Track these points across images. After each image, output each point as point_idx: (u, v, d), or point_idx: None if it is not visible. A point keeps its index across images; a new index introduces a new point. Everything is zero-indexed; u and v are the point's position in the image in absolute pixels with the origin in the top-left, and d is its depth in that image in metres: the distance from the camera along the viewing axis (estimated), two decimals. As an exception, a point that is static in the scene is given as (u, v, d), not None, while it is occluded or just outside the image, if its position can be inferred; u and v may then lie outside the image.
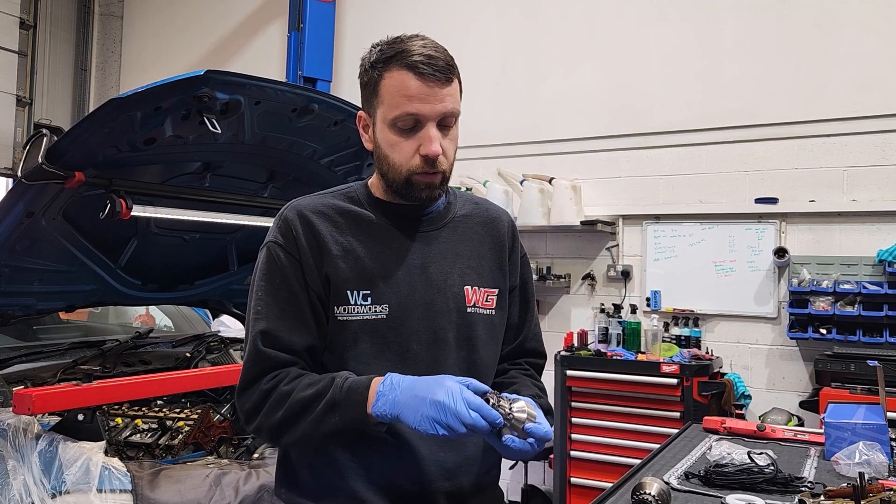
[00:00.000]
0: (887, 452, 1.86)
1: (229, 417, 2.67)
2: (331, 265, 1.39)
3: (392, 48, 1.37)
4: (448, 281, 1.47)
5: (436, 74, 1.34)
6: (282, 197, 3.09)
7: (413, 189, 1.41)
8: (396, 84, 1.35)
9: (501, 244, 1.59)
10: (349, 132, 2.89)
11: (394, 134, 1.38)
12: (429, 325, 1.43)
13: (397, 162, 1.39)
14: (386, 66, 1.36)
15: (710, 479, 1.72)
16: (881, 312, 4.01)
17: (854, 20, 4.37)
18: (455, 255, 1.50)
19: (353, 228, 1.43)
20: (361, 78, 1.44)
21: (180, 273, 3.18)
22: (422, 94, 1.34)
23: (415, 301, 1.43)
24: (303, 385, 1.33)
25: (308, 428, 1.31)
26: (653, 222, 4.90)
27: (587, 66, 5.11)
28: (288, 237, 1.41)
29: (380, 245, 1.44)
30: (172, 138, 2.37)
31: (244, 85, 2.35)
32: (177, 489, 1.93)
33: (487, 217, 1.60)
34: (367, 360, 1.39)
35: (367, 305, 1.39)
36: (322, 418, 1.29)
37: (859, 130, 4.32)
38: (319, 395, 1.30)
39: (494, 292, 1.54)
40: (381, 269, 1.42)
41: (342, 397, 1.29)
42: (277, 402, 1.32)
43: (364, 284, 1.40)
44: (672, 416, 4.12)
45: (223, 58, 6.86)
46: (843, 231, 4.33)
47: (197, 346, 3.23)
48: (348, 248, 1.41)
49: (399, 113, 1.35)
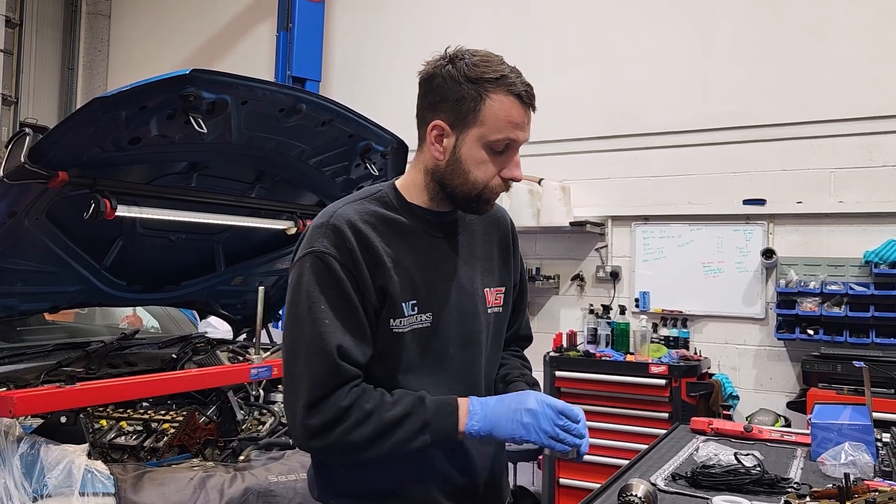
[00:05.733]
0: (872, 453, 1.87)
1: (215, 419, 2.65)
2: (387, 278, 1.41)
3: (491, 70, 1.40)
4: (474, 284, 1.54)
5: (532, 105, 1.44)
6: (269, 197, 3.08)
7: (479, 203, 1.47)
8: (505, 109, 1.39)
9: (507, 243, 1.66)
10: (337, 132, 2.88)
11: (485, 153, 1.42)
12: (462, 329, 1.50)
13: (479, 179, 1.43)
14: (492, 88, 1.39)
15: (696, 481, 1.72)
16: (868, 313, 4.03)
17: (843, 24, 4.39)
18: (474, 259, 1.56)
19: (395, 238, 1.45)
20: (448, 90, 1.42)
21: (166, 274, 3.16)
22: (521, 121, 1.42)
23: (451, 306, 1.48)
24: (388, 404, 1.37)
25: (397, 445, 1.36)
26: (642, 223, 4.91)
27: (578, 68, 5.11)
28: (342, 249, 1.38)
29: (419, 254, 1.47)
30: (158, 138, 2.35)
31: (231, 84, 2.33)
32: (161, 492, 1.91)
33: (492, 217, 1.64)
34: (410, 367, 1.44)
35: (415, 315, 1.44)
36: (413, 436, 1.36)
37: (846, 132, 4.34)
38: (408, 414, 1.36)
39: (502, 290, 1.61)
40: (423, 277, 1.46)
41: (432, 416, 1.37)
42: (362, 419, 1.34)
43: (412, 295, 1.44)
44: (660, 417, 4.13)
45: (212, 57, 6.83)
46: (830, 232, 4.35)
47: (183, 348, 3.20)
48: (396, 260, 1.43)
49: (501, 137, 1.40)
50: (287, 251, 3.43)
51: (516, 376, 1.65)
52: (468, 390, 1.48)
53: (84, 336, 3.50)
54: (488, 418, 1.37)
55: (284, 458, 2.28)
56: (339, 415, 1.34)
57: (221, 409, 2.73)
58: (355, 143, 2.99)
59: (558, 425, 1.36)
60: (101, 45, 7.56)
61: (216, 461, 2.40)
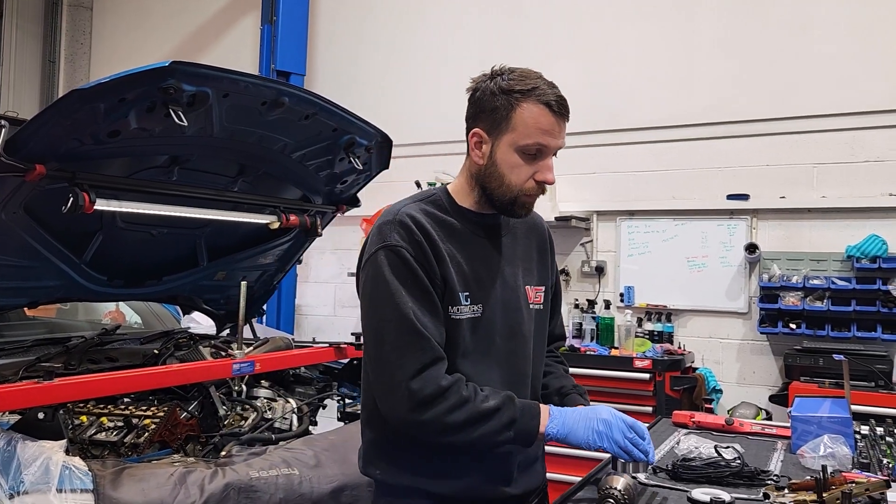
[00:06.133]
0: (851, 445, 1.88)
1: (196, 415, 2.63)
2: (446, 269, 1.57)
3: (524, 82, 1.55)
4: (517, 281, 1.69)
5: (563, 114, 1.57)
6: (252, 191, 3.05)
7: (516, 206, 1.61)
8: (534, 116, 1.53)
9: (545, 247, 1.82)
10: (320, 126, 2.85)
11: (518, 158, 1.56)
12: (507, 321, 1.65)
13: (514, 182, 1.58)
14: (523, 98, 1.54)
15: (677, 474, 1.73)
16: (849, 307, 4.07)
17: (825, 20, 4.42)
18: (516, 258, 1.72)
19: (449, 236, 1.61)
20: (485, 102, 1.57)
21: (148, 268, 3.12)
22: (551, 129, 1.55)
23: (497, 300, 1.64)
24: (480, 396, 1.51)
25: (483, 435, 1.49)
26: (627, 218, 4.92)
27: (563, 63, 5.10)
28: (412, 242, 1.54)
29: (469, 251, 1.63)
30: (137, 131, 2.31)
31: (211, 77, 2.30)
32: (140, 488, 1.89)
33: (532, 223, 1.81)
34: (466, 354, 1.59)
35: (468, 306, 1.59)
36: (499, 430, 1.50)
37: (829, 128, 4.38)
38: (500, 409, 1.50)
39: (542, 289, 1.77)
40: (474, 273, 1.61)
41: (519, 415, 1.51)
42: (458, 404, 1.48)
43: (465, 287, 1.59)
44: (644, 411, 4.15)
45: (196, 50, 6.77)
46: (812, 227, 4.39)
47: (165, 343, 3.17)
48: (451, 255, 1.59)
49: (531, 142, 1.54)
50: (270, 245, 3.40)
51: (570, 390, 1.81)
52: (513, 377, 1.65)
53: (65, 331, 3.46)
54: (566, 424, 1.51)
55: (266, 454, 2.27)
56: (439, 392, 1.47)
57: (203, 404, 2.71)
58: (339, 137, 2.96)
59: (628, 437, 1.49)
60: (82, 37, 7.47)
61: (197, 457, 2.39)
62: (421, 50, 5.80)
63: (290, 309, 5.83)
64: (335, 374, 3.45)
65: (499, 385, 1.60)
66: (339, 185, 3.28)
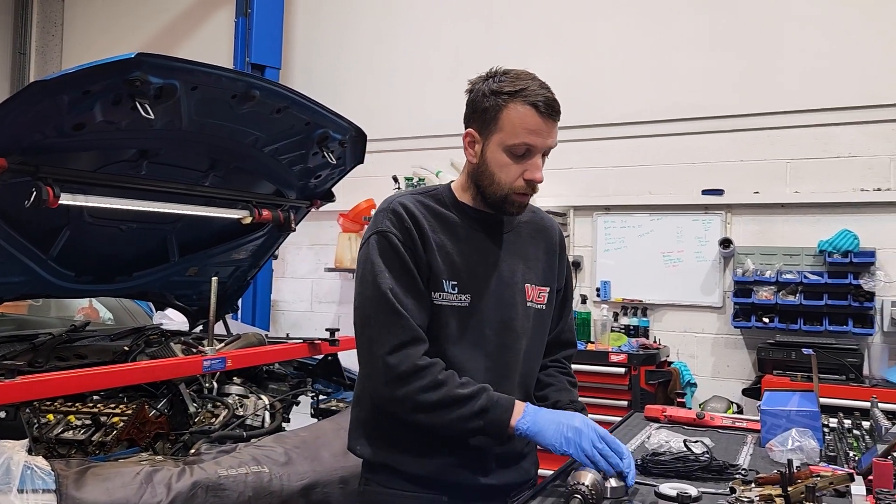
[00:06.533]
0: (819, 438, 1.89)
1: (166, 413, 2.59)
2: (432, 256, 1.62)
3: (513, 83, 1.58)
4: (514, 278, 1.72)
5: (551, 115, 1.59)
6: (224, 186, 3.01)
7: (507, 205, 1.65)
8: (519, 116, 1.57)
9: (553, 249, 1.85)
10: (293, 120, 2.83)
11: (506, 157, 1.60)
12: (499, 315, 1.68)
13: (503, 181, 1.62)
14: (510, 98, 1.57)
15: (646, 468, 1.73)
16: (821, 301, 4.10)
17: (799, 16, 4.45)
18: (518, 256, 1.75)
19: (443, 227, 1.67)
20: (477, 103, 1.63)
21: (117, 264, 3.07)
22: (538, 128, 1.58)
23: (490, 293, 1.67)
24: (456, 381, 1.56)
25: (454, 419, 1.54)
26: (603, 213, 4.94)
27: (540, 58, 5.09)
28: (401, 229, 1.62)
29: (463, 244, 1.67)
30: (103, 124, 2.27)
31: (179, 69, 2.27)
32: (104, 488, 1.85)
33: (542, 225, 1.85)
34: (453, 341, 1.63)
35: (455, 294, 1.64)
36: (470, 417, 1.54)
37: (802, 123, 4.41)
38: (472, 396, 1.54)
39: (546, 290, 1.79)
40: (465, 264, 1.66)
41: (491, 406, 1.54)
42: (433, 385, 1.53)
43: (453, 276, 1.64)
44: (620, 405, 4.16)
45: (170, 43, 6.68)
46: (785, 222, 4.43)
47: (136, 340, 3.12)
48: (441, 244, 1.64)
49: (518, 142, 1.58)
50: (243, 241, 3.37)
51: (565, 405, 1.80)
52: (501, 370, 1.69)
53: (35, 328, 3.40)
54: (538, 423, 1.53)
55: (236, 452, 2.24)
56: (414, 370, 1.54)
57: (173, 402, 2.67)
58: (312, 130, 2.93)
59: (597, 447, 1.49)
60: (54, 29, 7.35)
61: (166, 455, 2.35)
62: (399, 44, 5.77)
63: (265, 305, 5.79)
64: (310, 371, 3.42)
65: (484, 376, 1.64)
66: (313, 179, 3.25)
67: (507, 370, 1.71)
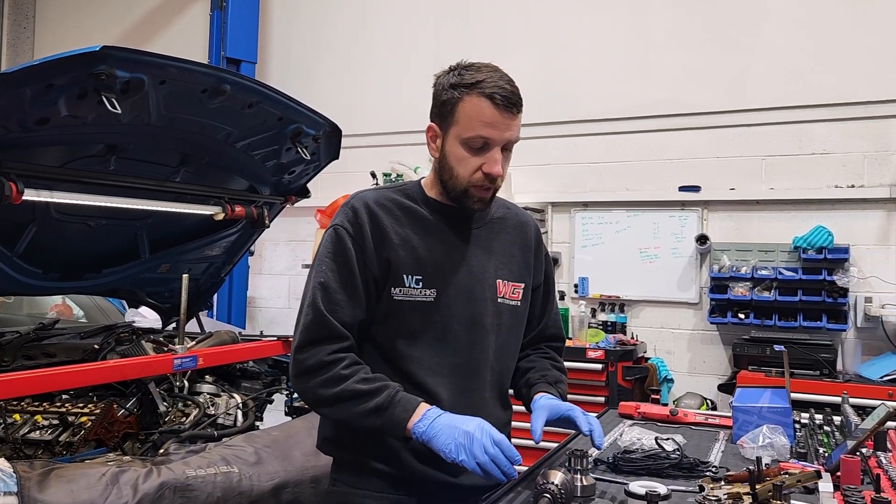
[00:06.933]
0: (790, 435, 1.90)
1: (135, 412, 2.55)
2: (391, 251, 1.60)
3: (472, 76, 1.57)
4: (485, 273, 1.70)
5: (508, 106, 1.56)
6: (196, 182, 2.97)
7: (468, 199, 1.62)
8: (475, 109, 1.55)
9: (528, 245, 1.81)
10: (265, 115, 2.79)
11: (463, 150, 1.58)
12: (468, 311, 1.65)
13: (461, 174, 1.59)
14: (466, 91, 1.56)
15: (617, 466, 1.72)
16: (796, 297, 4.14)
17: (776, 13, 4.48)
18: (491, 252, 1.72)
19: (409, 222, 1.65)
20: (438, 96, 1.62)
21: (86, 261, 3.01)
22: (494, 121, 1.55)
23: (458, 288, 1.65)
24: (359, 377, 1.53)
25: (349, 415, 1.53)
26: (581, 209, 4.94)
27: (520, 54, 5.09)
28: (354, 224, 1.61)
29: (431, 238, 1.65)
30: (68, 118, 2.22)
31: (146, 63, 2.22)
32: (69, 489, 1.81)
33: (518, 221, 1.82)
34: (414, 336, 1.61)
35: (419, 289, 1.61)
36: (366, 414, 1.51)
37: (778, 120, 4.44)
38: (371, 393, 1.51)
39: (521, 286, 1.76)
40: (432, 259, 1.63)
41: (390, 405, 1.51)
42: (333, 380, 1.52)
43: (417, 271, 1.61)
44: (597, 401, 4.17)
45: (145, 37, 6.59)
46: (761, 218, 4.45)
47: (106, 338, 3.07)
48: (405, 238, 1.62)
49: (473, 134, 1.56)
50: (216, 237, 3.32)
51: (537, 379, 1.78)
52: (470, 367, 1.66)
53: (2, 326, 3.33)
54: (433, 427, 1.48)
55: (205, 452, 2.20)
56: (319, 365, 1.53)
57: (142, 401, 2.63)
58: (285, 126, 2.89)
59: (489, 453, 1.45)
60: (25, 22, 7.22)
61: (134, 455, 2.32)
62: (377, 39, 5.73)
63: (241, 302, 5.73)
64: (284, 368, 3.38)
65: (453, 372, 1.63)
66: (287, 175, 3.21)
67: (477, 367, 1.68)
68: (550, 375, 1.81)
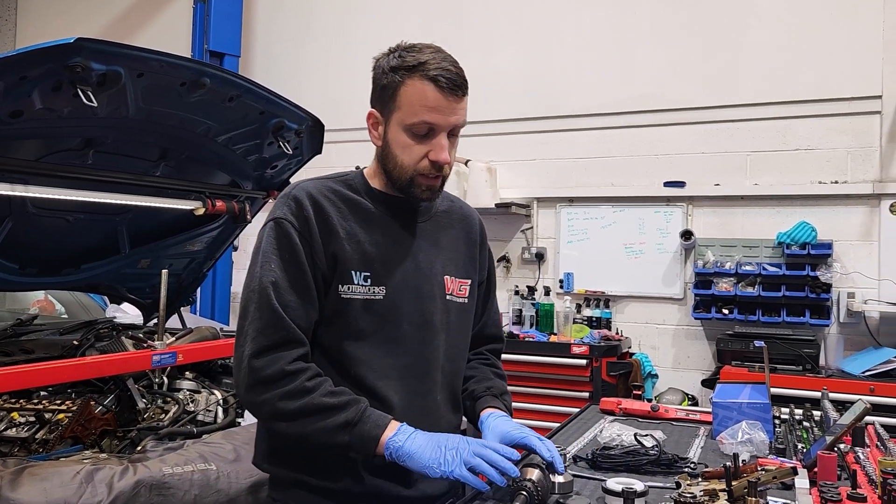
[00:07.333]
0: (769, 431, 1.90)
1: (113, 409, 2.52)
2: (338, 246, 1.49)
3: (413, 58, 1.47)
4: (433, 269, 1.61)
5: (453, 89, 1.46)
6: (176, 176, 2.94)
7: (415, 188, 1.53)
8: (417, 93, 1.45)
9: (474, 240, 1.73)
10: (246, 109, 2.76)
11: (407, 137, 1.48)
12: (418, 309, 1.56)
13: (406, 163, 1.50)
14: (408, 74, 1.46)
15: (596, 462, 1.71)
16: (779, 293, 4.15)
17: (761, 10, 4.48)
18: (438, 247, 1.64)
19: (353, 215, 1.54)
20: (378, 81, 1.52)
21: (65, 256, 2.97)
22: (438, 105, 1.46)
23: (407, 286, 1.55)
24: (325, 390, 1.42)
25: (313, 431, 1.40)
26: (566, 205, 4.94)
27: (505, 50, 5.08)
28: (299, 217, 1.49)
29: (377, 233, 1.55)
30: (43, 111, 2.19)
31: (122, 55, 2.19)
32: (42, 488, 1.79)
33: (462, 214, 1.74)
34: (363, 336, 1.50)
35: (367, 286, 1.50)
36: (334, 430, 1.40)
37: (762, 116, 4.45)
38: (339, 407, 1.40)
39: (468, 283, 1.68)
40: (379, 254, 1.53)
41: (360, 420, 1.40)
42: (296, 392, 1.40)
43: (365, 267, 1.51)
44: (581, 397, 4.18)
45: (128, 29, 6.52)
46: (745, 214, 4.46)
47: (86, 334, 3.03)
48: (351, 233, 1.52)
49: (416, 120, 1.46)
50: (198, 232, 3.29)
51: (482, 391, 1.68)
52: (422, 367, 1.56)
53: (-19, 322, 3.29)
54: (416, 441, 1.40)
55: (183, 449, 2.18)
56: (280, 375, 1.40)
57: (120, 397, 2.60)
58: (267, 120, 2.87)
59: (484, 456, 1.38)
60: (7, 14, 7.13)
61: (112, 453, 2.29)
62: (363, 32, 5.69)
63: (225, 297, 5.69)
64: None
65: (403, 374, 1.53)
66: (269, 170, 3.19)
67: (428, 368, 1.58)
68: (496, 387, 1.71)
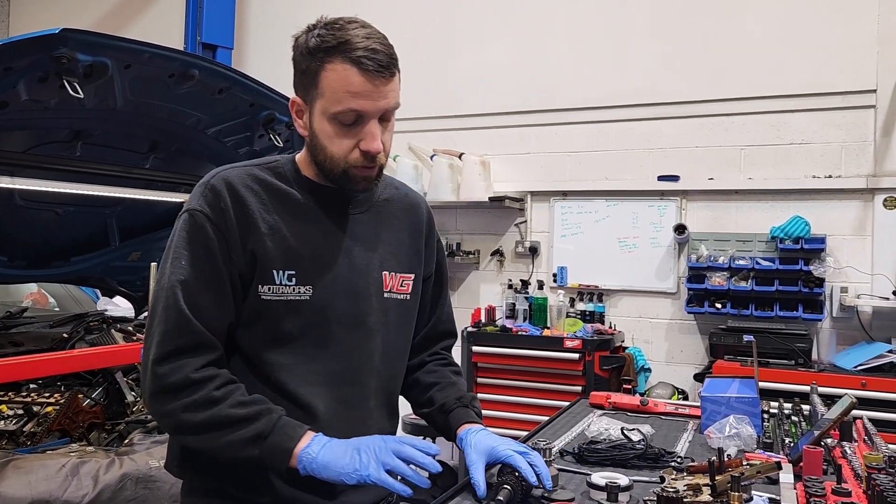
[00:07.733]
0: (757, 425, 1.90)
1: (101, 402, 2.52)
2: (258, 242, 1.36)
3: (334, 37, 1.31)
4: (370, 265, 1.47)
5: (380, 70, 1.31)
6: (165, 168, 2.93)
7: (350, 181, 1.39)
8: (339, 78, 1.30)
9: (419, 230, 1.60)
10: (236, 101, 2.75)
11: (334, 127, 1.34)
12: (350, 309, 1.43)
13: (336, 154, 1.36)
14: (328, 57, 1.31)
15: (582, 457, 1.71)
16: (772, 287, 4.15)
17: (755, 3, 4.46)
18: (376, 240, 1.50)
19: (279, 207, 1.40)
20: (297, 64, 1.37)
21: (54, 249, 2.98)
22: (365, 90, 1.31)
23: (338, 284, 1.42)
24: (234, 400, 1.29)
25: (221, 445, 1.28)
26: (560, 199, 4.92)
27: (499, 42, 5.05)
28: (216, 209, 1.34)
29: (306, 226, 1.41)
30: (29, 102, 2.18)
31: (108, 46, 2.18)
32: (26, 481, 1.78)
33: (407, 203, 1.60)
34: (286, 341, 1.38)
35: (291, 286, 1.37)
36: (243, 443, 1.27)
37: (756, 110, 4.43)
38: (249, 419, 1.28)
39: (410, 277, 1.54)
40: (307, 250, 1.40)
41: (272, 432, 1.27)
42: (202, 403, 1.27)
43: (289, 264, 1.37)
44: (574, 391, 4.17)
45: (122, 22, 6.47)
46: (738, 208, 4.45)
47: (76, 327, 3.03)
48: (275, 227, 1.38)
49: (341, 108, 1.32)
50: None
51: (453, 404, 1.56)
52: (352, 374, 1.44)
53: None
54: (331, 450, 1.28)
55: (171, 442, 2.18)
56: (185, 383, 1.27)
57: (109, 390, 2.60)
58: (257, 112, 2.86)
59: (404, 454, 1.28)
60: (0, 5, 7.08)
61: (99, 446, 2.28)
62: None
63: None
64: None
65: (331, 380, 1.41)
66: (260, 162, 3.17)
67: (359, 373, 1.45)
68: (465, 396, 1.59)
